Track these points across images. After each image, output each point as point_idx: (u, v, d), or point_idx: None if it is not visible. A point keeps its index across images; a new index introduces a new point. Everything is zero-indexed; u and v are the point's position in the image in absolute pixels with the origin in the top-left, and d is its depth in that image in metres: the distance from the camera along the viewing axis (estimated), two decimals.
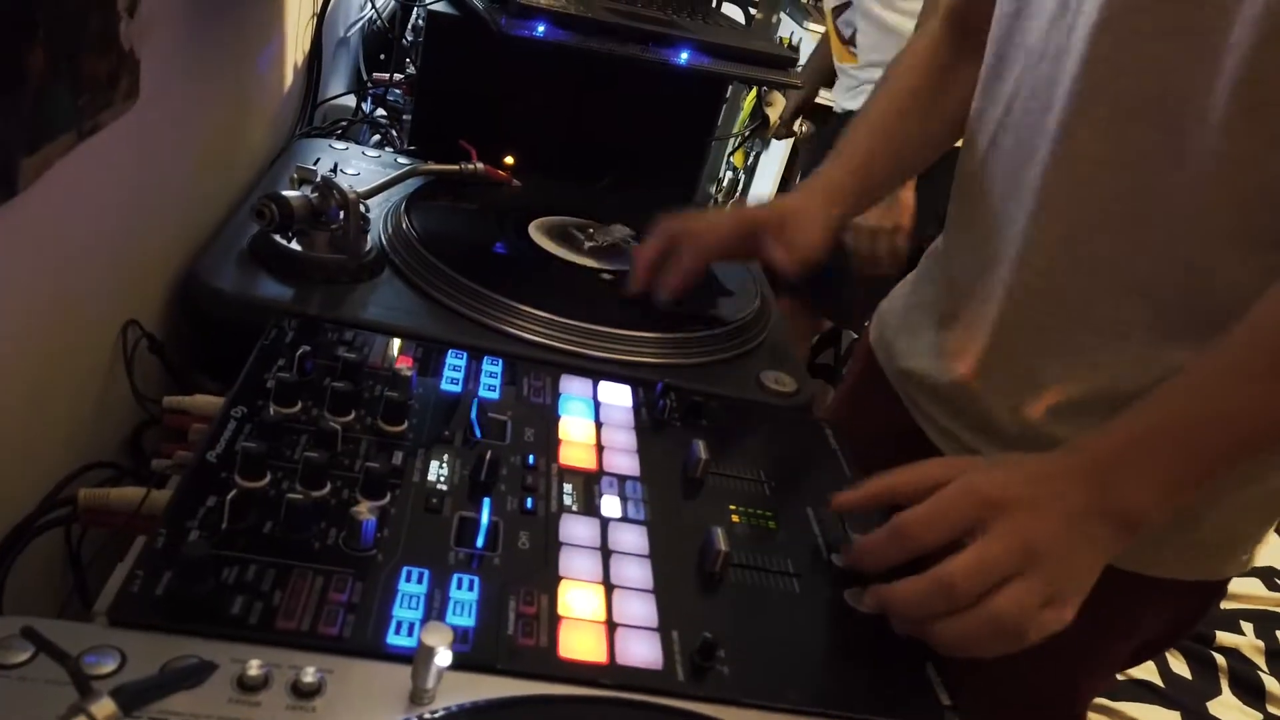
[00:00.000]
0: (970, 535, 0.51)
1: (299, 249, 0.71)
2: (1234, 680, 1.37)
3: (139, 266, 0.64)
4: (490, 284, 0.73)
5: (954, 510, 0.52)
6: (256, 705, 0.38)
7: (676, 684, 0.45)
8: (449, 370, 0.65)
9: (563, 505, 0.55)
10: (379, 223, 0.80)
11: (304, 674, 0.40)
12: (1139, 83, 0.58)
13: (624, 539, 0.54)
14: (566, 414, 0.64)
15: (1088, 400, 0.64)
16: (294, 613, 0.43)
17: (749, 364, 0.78)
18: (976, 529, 0.51)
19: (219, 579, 0.43)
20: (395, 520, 0.50)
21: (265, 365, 0.59)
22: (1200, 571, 0.70)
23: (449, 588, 0.47)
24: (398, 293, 0.73)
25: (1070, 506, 0.52)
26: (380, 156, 0.96)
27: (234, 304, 0.66)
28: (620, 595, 0.50)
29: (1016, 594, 0.49)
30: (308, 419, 0.55)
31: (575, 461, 0.60)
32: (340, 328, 0.65)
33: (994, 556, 0.50)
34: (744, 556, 0.55)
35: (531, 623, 0.46)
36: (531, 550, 0.51)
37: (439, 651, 0.39)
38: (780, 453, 0.67)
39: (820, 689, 0.48)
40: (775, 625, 0.52)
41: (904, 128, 0.81)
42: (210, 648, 0.40)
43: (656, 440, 0.64)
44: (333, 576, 0.45)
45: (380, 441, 0.56)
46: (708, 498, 0.60)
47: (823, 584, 0.55)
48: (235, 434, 0.52)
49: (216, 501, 0.47)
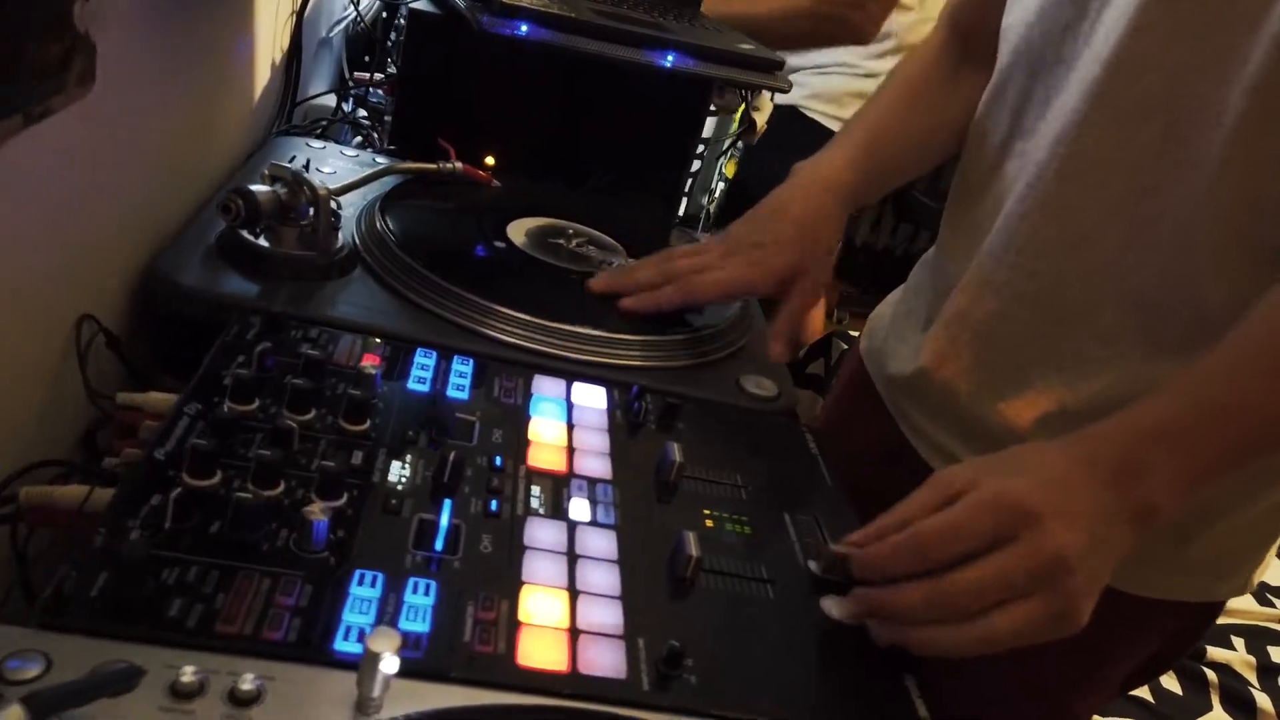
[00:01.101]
0: (992, 547, 0.47)
1: (266, 245, 0.69)
2: (1225, 696, 1.35)
3: (96, 259, 0.62)
4: (465, 283, 0.71)
5: (980, 521, 0.48)
6: (189, 714, 0.36)
7: (640, 694, 0.43)
8: (417, 369, 0.63)
9: (529, 508, 0.53)
10: (352, 221, 0.78)
11: (242, 681, 0.37)
12: (1154, 84, 0.57)
13: (592, 543, 0.52)
14: (538, 415, 0.62)
15: (1080, 409, 0.63)
16: (236, 617, 0.41)
17: (730, 368, 0.76)
18: (1001, 539, 0.47)
19: (158, 581, 0.41)
20: (351, 522, 0.48)
21: (224, 362, 0.57)
22: (1199, 593, 0.68)
23: (404, 592, 0.45)
24: (369, 291, 0.71)
25: (1097, 507, 0.49)
26: (358, 156, 0.94)
27: (197, 300, 0.64)
28: (585, 601, 0.48)
29: (1017, 617, 0.47)
30: (265, 417, 0.53)
31: (544, 464, 0.58)
32: (306, 325, 0.63)
33: (1009, 573, 0.47)
34: (716, 562, 0.53)
35: (490, 629, 0.44)
36: (494, 554, 0.49)
37: (385, 658, 0.37)
38: (758, 457, 0.65)
39: (793, 700, 0.46)
40: (747, 633, 0.49)
41: (906, 128, 0.79)
42: (144, 653, 0.38)
43: (630, 443, 0.62)
44: (280, 579, 0.43)
45: (340, 441, 0.54)
46: (681, 502, 0.58)
47: (798, 591, 0.53)
48: (187, 431, 0.50)
49: (161, 500, 0.45)
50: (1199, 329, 0.58)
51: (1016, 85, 0.68)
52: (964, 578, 0.47)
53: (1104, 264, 0.61)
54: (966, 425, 0.70)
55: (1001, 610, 0.47)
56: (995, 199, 0.68)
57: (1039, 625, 0.47)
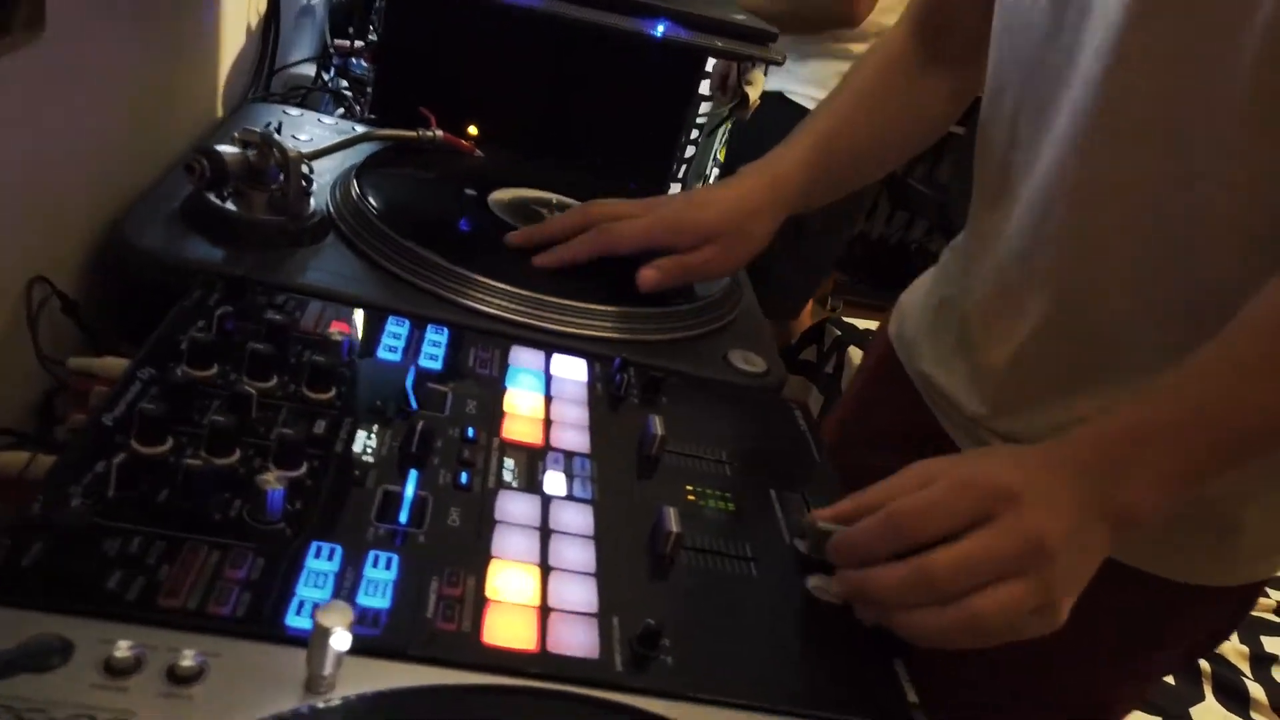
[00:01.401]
0: (970, 528, 0.46)
1: (234, 209, 0.66)
2: (1218, 686, 1.33)
3: (51, 220, 0.59)
4: (442, 251, 0.68)
5: (959, 499, 0.46)
6: (123, 691, 0.34)
7: (613, 674, 0.41)
8: (388, 338, 0.60)
9: (501, 481, 0.51)
10: (326, 189, 0.75)
11: (182, 657, 0.35)
12: (1145, 107, 0.55)
13: (567, 518, 0.50)
14: (514, 387, 0.59)
15: None
16: (180, 590, 0.38)
17: (717, 342, 0.74)
18: (979, 520, 0.46)
19: (98, 551, 0.39)
20: (310, 493, 0.45)
21: (182, 326, 0.54)
22: (1238, 576, 0.66)
23: (363, 566, 0.42)
24: (341, 258, 0.68)
25: (1078, 501, 0.47)
26: (336, 124, 0.91)
27: (159, 265, 0.61)
28: (557, 578, 0.45)
29: (1004, 597, 0.45)
30: (223, 383, 0.51)
31: (519, 436, 0.55)
32: (271, 291, 0.61)
33: (990, 552, 0.45)
34: (698, 539, 0.51)
35: (454, 606, 0.42)
36: (462, 528, 0.47)
37: (336, 633, 0.35)
38: (744, 433, 0.63)
39: (774, 683, 0.43)
40: (728, 613, 0.47)
41: (865, 127, 0.76)
42: (80, 626, 0.36)
43: (611, 417, 0.60)
44: (230, 551, 0.41)
45: (303, 409, 0.51)
46: (662, 477, 0.56)
47: (783, 570, 0.51)
48: (138, 397, 0.48)
49: (106, 467, 0.42)
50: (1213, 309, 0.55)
51: (1012, 93, 0.65)
52: (943, 555, 0.45)
53: (1125, 281, 0.59)
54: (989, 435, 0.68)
55: (982, 592, 0.44)
56: (1008, 212, 0.66)
57: (1022, 609, 0.45)
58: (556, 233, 0.72)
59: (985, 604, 0.44)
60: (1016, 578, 0.45)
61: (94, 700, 0.33)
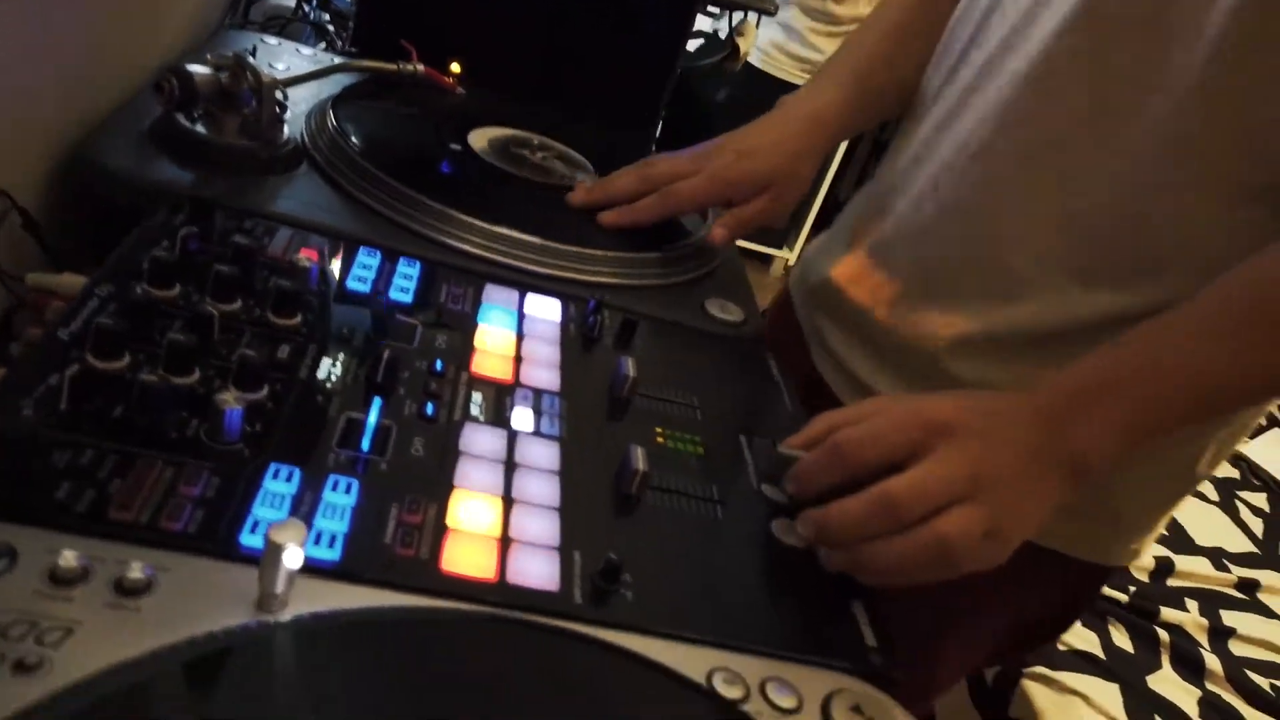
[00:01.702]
0: (912, 459, 0.47)
1: (204, 132, 0.64)
2: (1175, 656, 1.36)
3: (13, 133, 0.57)
4: (417, 185, 0.66)
5: (897, 430, 0.48)
6: (68, 601, 0.33)
7: (572, 606, 0.41)
8: (358, 269, 0.59)
9: (468, 415, 0.50)
10: (302, 119, 0.73)
11: (130, 569, 0.34)
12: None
13: (533, 453, 0.49)
14: (486, 323, 0.58)
15: (1001, 334, 0.61)
16: (132, 503, 0.37)
17: (696, 290, 0.73)
18: (919, 452, 0.47)
19: (47, 462, 0.38)
20: (270, 416, 0.45)
21: (145, 246, 0.52)
22: (1088, 550, 0.66)
23: (322, 489, 0.42)
24: (313, 188, 0.66)
25: (1022, 443, 0.49)
26: (314, 56, 0.88)
27: (124, 184, 0.60)
28: (520, 510, 0.45)
29: (961, 518, 0.45)
30: (185, 304, 0.50)
31: (489, 371, 0.54)
32: (240, 216, 0.59)
33: (940, 478, 0.46)
34: (665, 480, 0.50)
35: (414, 533, 0.41)
36: (425, 458, 0.46)
37: (288, 549, 0.34)
38: (717, 379, 0.62)
39: (734, 622, 0.43)
40: (691, 553, 0.47)
41: (893, 65, 0.75)
42: (26, 535, 0.35)
43: (583, 358, 0.59)
44: (185, 468, 0.40)
45: (267, 334, 0.50)
46: (632, 418, 0.55)
47: (749, 514, 0.51)
48: (96, 313, 0.46)
49: (59, 380, 0.41)
50: (1138, 265, 0.56)
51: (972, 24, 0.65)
52: (900, 479, 0.46)
53: (1053, 182, 0.59)
54: (879, 344, 0.68)
55: (945, 514, 0.45)
56: (947, 108, 0.66)
57: (977, 532, 0.46)
58: (620, 194, 0.72)
59: (946, 525, 0.45)
60: (966, 502, 0.46)
61: (38, 608, 0.32)
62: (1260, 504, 1.83)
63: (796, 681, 0.41)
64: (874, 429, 0.48)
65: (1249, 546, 1.68)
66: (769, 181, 0.72)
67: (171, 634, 0.33)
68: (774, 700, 0.39)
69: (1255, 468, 1.95)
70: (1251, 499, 1.84)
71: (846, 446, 0.48)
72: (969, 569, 0.46)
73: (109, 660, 0.31)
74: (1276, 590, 1.57)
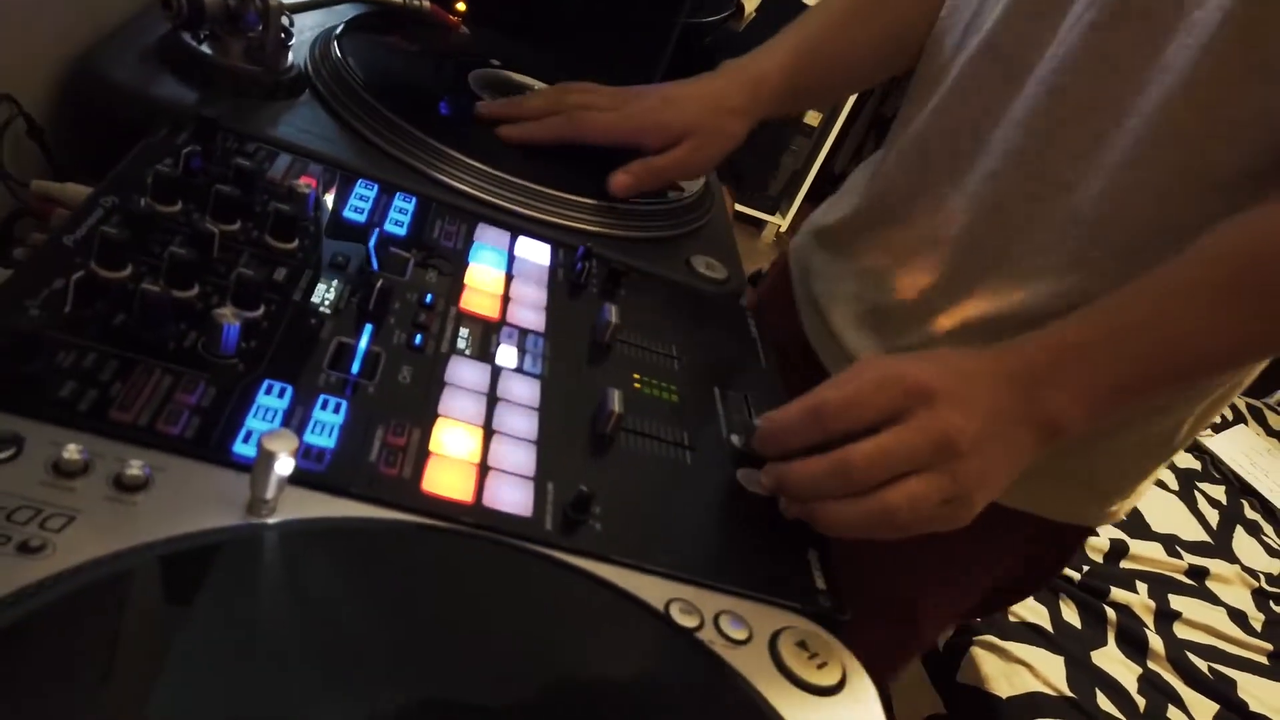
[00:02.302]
0: (891, 423, 0.48)
1: (209, 53, 0.65)
2: (1120, 634, 1.41)
3: (22, 41, 0.58)
4: (416, 122, 0.68)
5: (879, 394, 0.49)
6: (70, 490, 0.35)
7: (542, 532, 0.43)
8: (355, 199, 0.60)
9: (454, 348, 0.52)
10: (308, 46, 0.74)
11: (130, 466, 0.36)
12: None
13: (515, 389, 0.51)
14: (476, 262, 0.60)
15: (1004, 320, 0.63)
16: (131, 406, 0.39)
17: (683, 246, 0.75)
18: (896, 417, 0.48)
19: (52, 361, 0.40)
20: (265, 334, 0.46)
21: (148, 161, 0.54)
22: (1065, 512, 0.69)
23: (313, 407, 0.44)
24: (314, 117, 0.67)
25: (997, 406, 0.50)
26: None
27: (128, 99, 0.61)
28: (499, 441, 0.47)
29: (913, 488, 0.47)
30: (186, 221, 0.51)
31: (477, 308, 0.56)
32: (242, 139, 0.60)
33: (905, 446, 0.47)
34: (639, 423, 0.53)
35: (397, 454, 0.43)
36: (411, 385, 0.48)
37: (280, 458, 0.36)
38: (696, 332, 0.64)
39: (694, 558, 0.46)
40: (660, 493, 0.49)
41: (851, 35, 0.75)
42: (31, 428, 0.37)
43: (569, 302, 0.61)
44: (183, 377, 0.42)
45: (264, 256, 0.52)
46: (612, 363, 0.57)
47: (717, 461, 0.53)
48: (100, 222, 0.48)
49: (65, 284, 0.43)
50: (1132, 252, 0.58)
51: None
52: (860, 448, 0.48)
53: (1051, 174, 0.60)
54: (876, 318, 0.70)
55: (893, 485, 0.47)
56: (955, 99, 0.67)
57: (929, 502, 0.48)
58: (528, 111, 0.72)
59: (894, 496, 0.47)
60: (927, 471, 0.47)
61: (41, 495, 0.34)
62: (1218, 496, 1.89)
63: (749, 616, 0.43)
64: (855, 394, 0.49)
65: (1202, 535, 1.73)
66: (686, 131, 0.70)
67: (166, 529, 0.35)
68: (726, 631, 0.42)
69: (1217, 461, 2.00)
70: (1210, 490, 1.89)
71: (826, 410, 0.49)
72: (925, 530, 0.49)
73: (107, 548, 0.33)
74: (1224, 579, 1.63)
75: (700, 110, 0.70)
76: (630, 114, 0.71)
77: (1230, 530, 1.79)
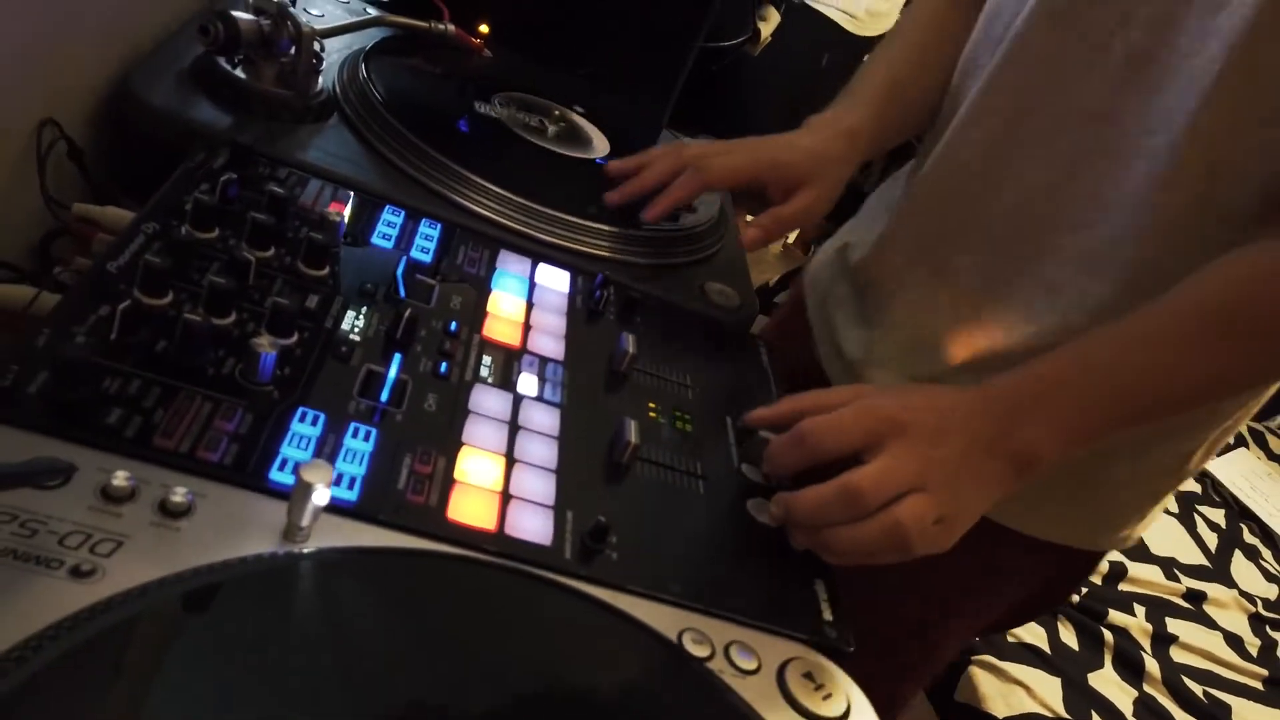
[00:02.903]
0: (869, 452, 0.51)
1: (243, 77, 0.67)
2: (1117, 657, 1.42)
3: (64, 65, 0.59)
4: (441, 147, 0.69)
5: (854, 423, 0.52)
6: (118, 516, 0.37)
7: (562, 561, 0.45)
8: (383, 226, 0.62)
9: (478, 375, 0.54)
10: (335, 69, 0.76)
11: (174, 493, 0.38)
12: (1138, 36, 0.57)
13: (535, 418, 0.53)
14: (499, 289, 0.62)
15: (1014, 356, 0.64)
16: (174, 433, 0.41)
17: (697, 273, 0.76)
18: (875, 445, 0.51)
19: (99, 388, 0.41)
20: (299, 362, 0.48)
21: (186, 187, 0.56)
22: (1081, 540, 0.71)
23: (344, 434, 0.45)
24: (342, 141, 0.69)
25: (970, 439, 0.52)
26: (349, 3, 0.90)
27: (164, 122, 0.63)
28: (521, 469, 0.49)
29: (915, 506, 0.49)
30: (223, 247, 0.53)
31: (499, 336, 0.58)
32: (274, 164, 0.62)
33: (897, 470, 0.50)
34: (654, 453, 0.55)
35: (424, 481, 0.45)
36: (437, 413, 0.50)
37: (317, 489, 0.38)
38: (710, 362, 0.66)
39: (706, 588, 0.47)
40: (673, 522, 0.51)
41: (925, 74, 0.77)
42: (80, 454, 0.39)
43: (587, 330, 0.63)
44: (222, 404, 0.44)
45: (297, 283, 0.53)
46: (628, 392, 0.59)
47: (729, 491, 0.55)
48: (142, 249, 0.50)
49: (110, 311, 0.45)
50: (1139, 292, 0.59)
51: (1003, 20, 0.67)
52: (864, 471, 0.50)
53: (1062, 214, 0.62)
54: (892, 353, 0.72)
55: (901, 502, 0.49)
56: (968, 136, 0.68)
57: (929, 518, 0.50)
58: (654, 182, 0.72)
59: (901, 512, 0.49)
60: (919, 492, 0.50)
61: (91, 521, 0.36)
62: (1218, 519, 1.90)
63: (758, 647, 0.45)
64: (833, 421, 0.52)
65: (1201, 559, 1.75)
66: (804, 178, 0.71)
67: (209, 554, 0.37)
68: (736, 661, 0.44)
69: (1217, 484, 2.01)
70: (1210, 514, 1.90)
71: (809, 434, 0.52)
72: (920, 552, 0.51)
73: (154, 574, 0.35)
74: (1222, 603, 1.64)
75: (813, 157, 0.72)
76: (758, 157, 0.72)
77: (1229, 554, 1.80)
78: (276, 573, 0.37)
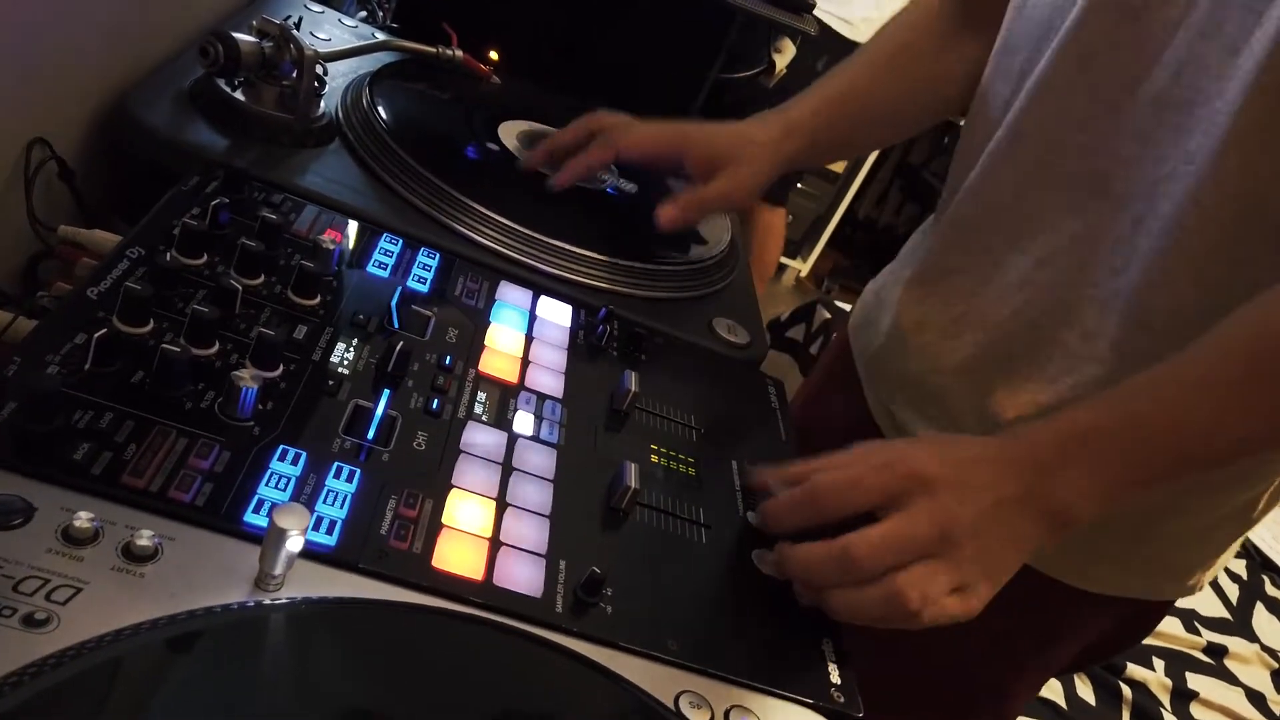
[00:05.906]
0: (885, 510, 0.48)
1: (242, 99, 0.65)
2: (1136, 713, 1.38)
3: (57, 84, 0.58)
4: (443, 175, 0.68)
5: (874, 479, 0.48)
6: (78, 560, 0.34)
7: (552, 614, 0.42)
8: (379, 254, 0.60)
9: (471, 413, 0.51)
10: (338, 94, 0.75)
11: (140, 535, 0.36)
12: (1160, 76, 0.55)
13: (530, 459, 0.50)
14: (497, 322, 0.60)
15: (1057, 405, 0.62)
16: (145, 471, 0.39)
17: (705, 308, 0.74)
18: (895, 503, 0.47)
19: (68, 421, 0.39)
20: (283, 395, 0.46)
21: (176, 211, 0.54)
22: (1146, 591, 0.68)
23: (326, 475, 0.43)
24: (343, 167, 0.68)
25: (999, 496, 0.49)
26: (357, 28, 0.89)
27: (160, 144, 0.61)
28: (512, 515, 0.46)
29: (919, 576, 0.46)
30: (210, 275, 0.51)
31: (496, 371, 0.56)
32: (270, 189, 0.60)
33: (906, 535, 0.47)
34: (654, 498, 0.52)
35: (409, 526, 0.43)
36: (426, 453, 0.47)
37: (291, 536, 0.35)
38: (716, 401, 0.63)
39: (706, 646, 0.45)
40: (673, 574, 0.48)
41: (884, 86, 0.75)
42: (43, 492, 0.36)
43: (588, 366, 0.60)
44: (198, 441, 0.41)
45: (286, 313, 0.51)
46: (630, 433, 0.57)
47: (732, 540, 0.52)
48: (125, 275, 0.48)
49: (85, 340, 0.43)
50: (1174, 336, 0.57)
51: (1022, 55, 0.65)
52: (863, 536, 0.47)
53: (1096, 260, 0.59)
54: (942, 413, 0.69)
55: (903, 571, 0.46)
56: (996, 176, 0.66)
57: (937, 589, 0.46)
58: (567, 144, 0.72)
59: (900, 583, 0.46)
60: (930, 560, 0.46)
61: (49, 564, 0.34)
62: (1239, 570, 1.85)
63: (760, 711, 0.42)
64: (851, 478, 0.49)
65: (1222, 612, 1.70)
66: (725, 155, 0.70)
67: (172, 604, 0.34)
68: None
69: None
70: (1232, 565, 1.86)
71: (823, 492, 0.49)
72: (930, 623, 0.47)
73: (112, 623, 0.32)
74: (1243, 658, 1.59)
75: (733, 138, 0.71)
76: (676, 129, 0.71)
77: (1250, 607, 1.76)
78: (242, 625, 0.34)
